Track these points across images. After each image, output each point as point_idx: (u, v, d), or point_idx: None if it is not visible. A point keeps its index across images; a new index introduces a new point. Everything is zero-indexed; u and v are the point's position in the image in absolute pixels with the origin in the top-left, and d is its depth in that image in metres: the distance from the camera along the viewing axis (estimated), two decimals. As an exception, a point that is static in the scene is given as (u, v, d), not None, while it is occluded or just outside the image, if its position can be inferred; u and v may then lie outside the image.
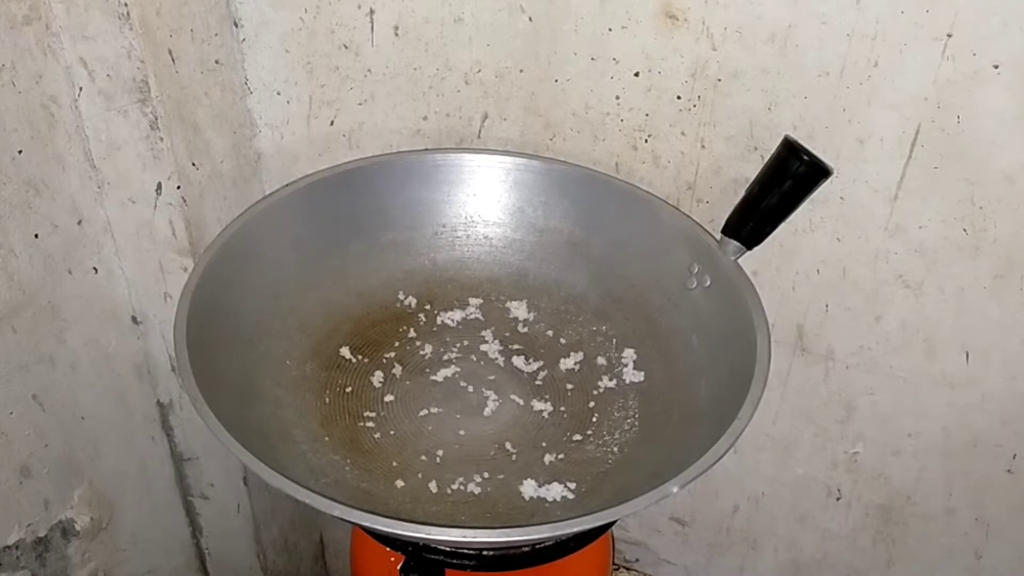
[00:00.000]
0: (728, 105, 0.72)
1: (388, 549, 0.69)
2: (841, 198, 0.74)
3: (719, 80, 0.71)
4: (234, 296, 0.70)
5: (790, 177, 0.67)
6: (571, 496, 0.65)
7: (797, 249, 0.78)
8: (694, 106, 0.73)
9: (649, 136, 0.76)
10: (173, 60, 0.77)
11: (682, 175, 0.77)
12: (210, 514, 1.11)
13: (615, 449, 0.69)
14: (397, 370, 0.73)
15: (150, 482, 1.04)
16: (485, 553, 0.66)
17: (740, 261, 0.71)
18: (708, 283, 0.72)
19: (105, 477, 0.96)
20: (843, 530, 0.95)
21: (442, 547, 0.66)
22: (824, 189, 0.71)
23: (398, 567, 0.69)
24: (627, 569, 1.15)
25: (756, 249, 0.71)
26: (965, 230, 0.72)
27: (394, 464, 0.67)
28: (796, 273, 0.80)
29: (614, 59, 0.74)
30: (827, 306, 0.81)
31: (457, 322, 0.77)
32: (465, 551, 0.66)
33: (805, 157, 0.66)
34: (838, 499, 0.93)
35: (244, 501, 1.08)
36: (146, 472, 1.03)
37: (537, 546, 0.66)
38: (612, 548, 1.07)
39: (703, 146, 0.75)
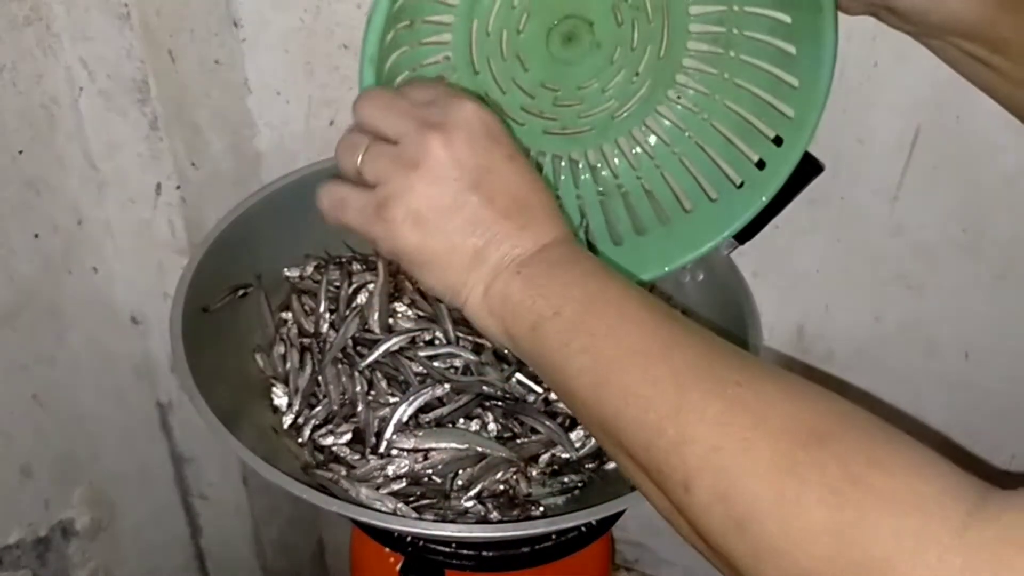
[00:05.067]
0: (728, 105, 0.72)
1: (388, 550, 0.69)
2: (841, 198, 0.74)
3: (719, 80, 0.71)
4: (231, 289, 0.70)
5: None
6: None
7: (797, 249, 0.78)
8: (694, 106, 0.73)
9: (649, 136, 0.76)
10: (173, 60, 0.76)
11: (682, 175, 0.77)
12: (209, 514, 1.11)
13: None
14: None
15: (150, 482, 1.04)
16: (484, 553, 0.66)
17: (732, 256, 0.71)
18: (701, 277, 0.72)
19: (105, 477, 0.96)
20: (843, 530, 0.95)
21: (441, 547, 0.66)
22: (824, 189, 0.70)
23: (397, 568, 0.69)
24: (627, 569, 1.15)
25: (756, 249, 0.71)
26: (965, 230, 0.72)
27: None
28: (796, 273, 0.80)
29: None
30: (827, 306, 0.81)
31: (456, 319, 0.77)
32: (464, 551, 0.66)
33: None
34: (838, 499, 0.93)
35: (243, 501, 1.08)
36: (146, 472, 1.03)
37: (537, 546, 0.66)
38: (612, 548, 1.07)
39: (703, 146, 0.75)
